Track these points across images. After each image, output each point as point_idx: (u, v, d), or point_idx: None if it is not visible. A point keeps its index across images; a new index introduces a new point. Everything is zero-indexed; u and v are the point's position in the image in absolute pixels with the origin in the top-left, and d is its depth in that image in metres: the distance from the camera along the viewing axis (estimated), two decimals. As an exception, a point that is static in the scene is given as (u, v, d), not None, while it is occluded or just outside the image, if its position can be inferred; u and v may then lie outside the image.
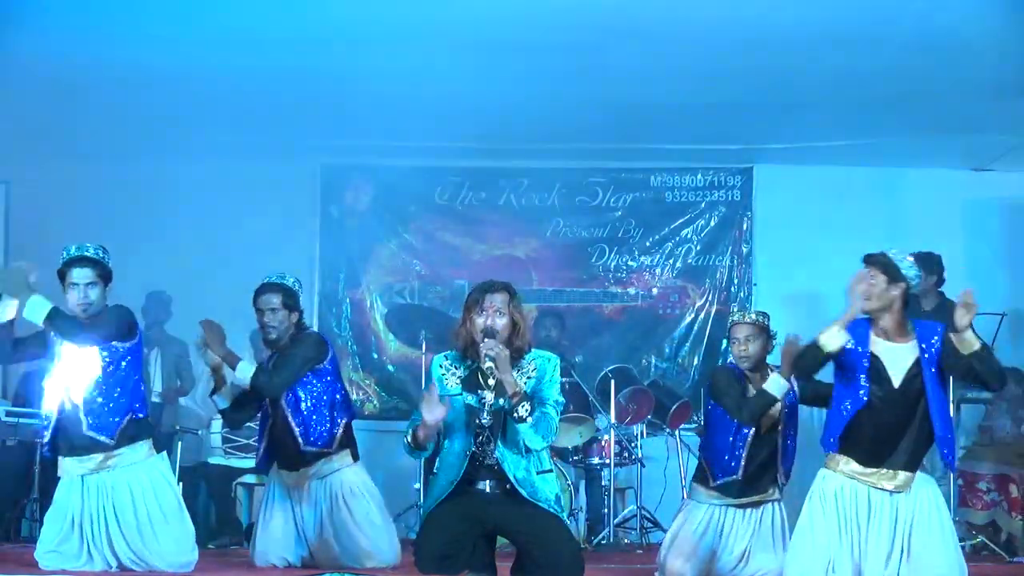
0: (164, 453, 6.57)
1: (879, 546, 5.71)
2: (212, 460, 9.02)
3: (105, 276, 6.34)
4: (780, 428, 6.62)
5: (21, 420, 8.65)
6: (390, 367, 10.62)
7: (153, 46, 7.95)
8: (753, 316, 6.75)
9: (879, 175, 10.60)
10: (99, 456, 6.28)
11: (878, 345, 5.74)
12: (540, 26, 7.65)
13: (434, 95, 8.89)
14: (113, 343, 6.29)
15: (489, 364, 5.27)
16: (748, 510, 6.65)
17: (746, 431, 6.60)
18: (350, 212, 10.70)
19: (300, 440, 6.86)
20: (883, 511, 5.74)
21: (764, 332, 6.68)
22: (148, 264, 9.64)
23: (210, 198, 10.22)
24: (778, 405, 6.45)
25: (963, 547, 8.38)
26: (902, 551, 5.72)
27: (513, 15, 7.51)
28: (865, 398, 5.70)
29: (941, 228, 10.24)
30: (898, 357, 5.73)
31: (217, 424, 8.85)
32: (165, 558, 6.26)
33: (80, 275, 6.28)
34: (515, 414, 5.28)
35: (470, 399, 5.39)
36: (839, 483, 5.79)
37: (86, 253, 6.34)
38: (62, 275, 6.33)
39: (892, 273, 5.74)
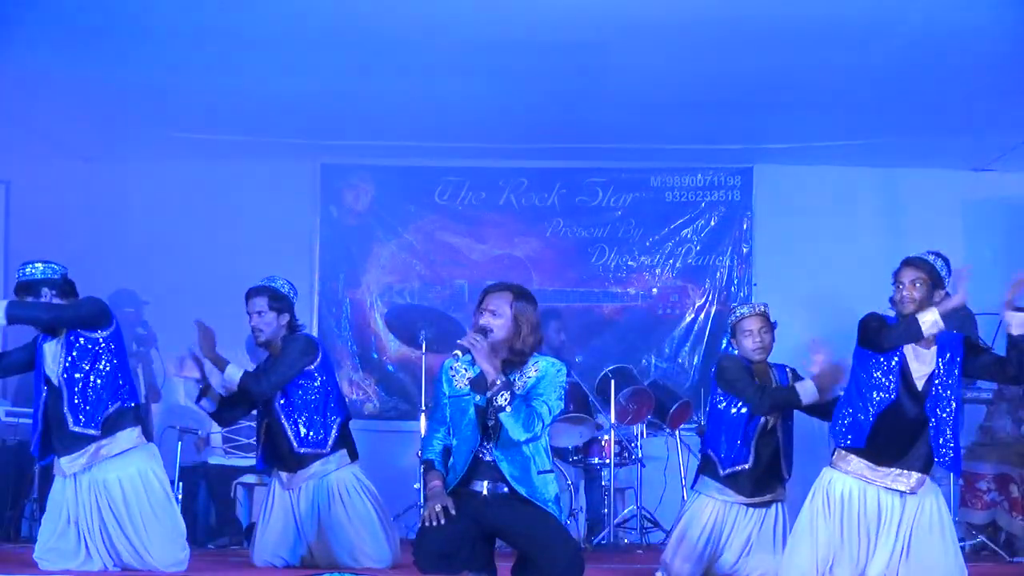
0: (153, 445, 6.55)
1: (885, 549, 5.72)
2: (212, 460, 9.01)
3: None
4: (782, 423, 6.67)
5: (21, 420, 8.65)
6: (390, 367, 10.62)
7: (153, 46, 7.96)
8: (761, 308, 6.80)
9: (879, 175, 10.60)
10: (91, 448, 6.27)
11: (907, 347, 5.83)
12: (541, 26, 7.65)
13: (434, 95, 8.90)
14: (90, 333, 6.33)
15: (457, 352, 5.34)
16: (753, 510, 6.65)
17: (757, 422, 6.63)
18: (350, 212, 10.69)
19: (294, 442, 6.90)
20: (893, 514, 5.76)
21: (771, 323, 6.72)
22: (147, 264, 9.64)
23: (210, 198, 10.22)
24: None
25: (963, 547, 8.41)
26: (902, 551, 5.73)
27: (514, 15, 7.51)
28: (893, 396, 5.79)
29: (941, 228, 10.24)
30: (923, 360, 5.84)
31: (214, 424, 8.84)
32: (155, 557, 6.25)
33: None
34: (494, 402, 5.28)
35: (479, 399, 5.39)
36: (847, 486, 5.82)
37: None
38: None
39: (936, 278, 5.84)
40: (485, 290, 5.50)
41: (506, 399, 5.25)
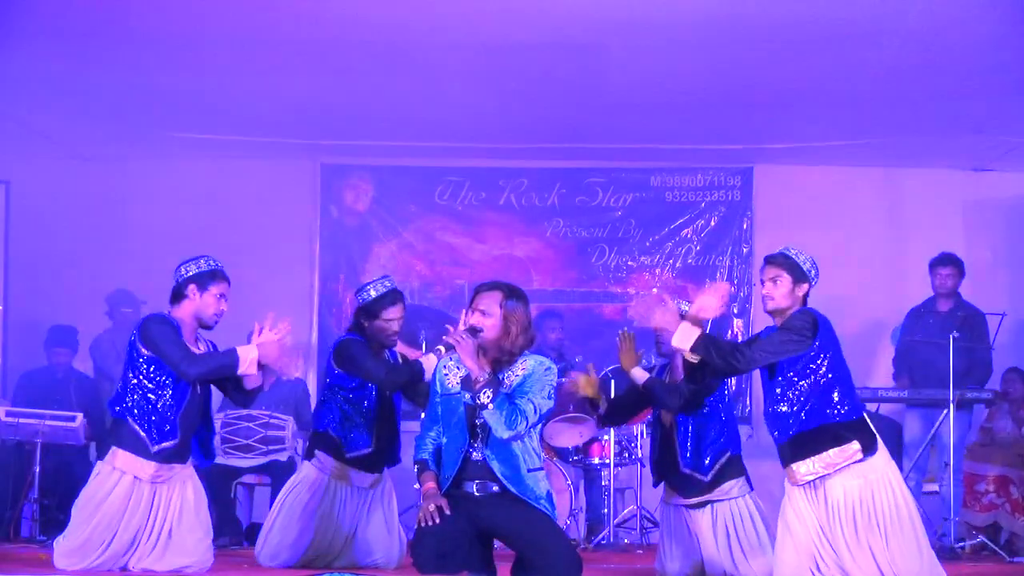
0: None
1: (840, 544, 5.68)
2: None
3: None
4: (683, 420, 6.71)
5: (21, 420, 8.63)
6: (390, 367, 10.61)
7: (152, 46, 7.96)
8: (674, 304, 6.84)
9: (879, 175, 10.60)
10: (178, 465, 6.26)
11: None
12: (540, 26, 7.65)
13: (434, 95, 8.90)
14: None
15: (440, 347, 5.35)
16: (701, 509, 6.64)
17: (652, 426, 6.89)
18: (350, 212, 10.70)
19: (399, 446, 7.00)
20: (833, 504, 5.69)
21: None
22: (146, 264, 9.64)
23: (210, 198, 10.22)
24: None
25: (963, 547, 8.44)
26: (871, 543, 5.66)
27: (514, 16, 7.51)
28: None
29: (941, 228, 10.24)
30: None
31: (216, 424, 8.83)
32: (190, 556, 6.22)
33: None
34: (477, 400, 5.29)
35: (468, 398, 5.39)
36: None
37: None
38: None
39: (797, 274, 5.85)
40: (477, 289, 5.50)
41: (488, 396, 5.26)
